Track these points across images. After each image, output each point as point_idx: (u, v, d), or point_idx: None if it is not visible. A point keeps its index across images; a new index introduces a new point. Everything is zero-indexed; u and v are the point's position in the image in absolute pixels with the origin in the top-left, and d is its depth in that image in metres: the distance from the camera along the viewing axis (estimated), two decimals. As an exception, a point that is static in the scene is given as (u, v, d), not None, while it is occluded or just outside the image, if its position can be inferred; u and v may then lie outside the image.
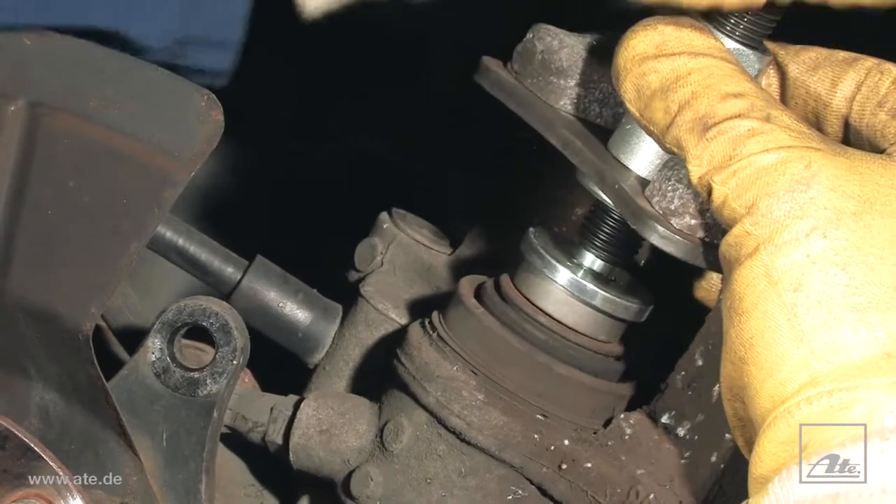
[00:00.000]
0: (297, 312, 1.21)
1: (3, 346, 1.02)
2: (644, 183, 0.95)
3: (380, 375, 1.11)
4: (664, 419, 1.00)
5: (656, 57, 0.88)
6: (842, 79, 0.93)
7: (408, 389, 1.05)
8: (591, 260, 1.03)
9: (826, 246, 0.79)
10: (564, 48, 1.03)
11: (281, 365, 1.20)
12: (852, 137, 0.93)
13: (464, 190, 1.31)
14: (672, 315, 1.05)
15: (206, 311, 1.05)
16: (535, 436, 1.01)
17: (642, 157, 0.95)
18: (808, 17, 0.91)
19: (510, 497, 1.03)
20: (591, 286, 1.02)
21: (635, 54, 0.89)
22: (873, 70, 0.92)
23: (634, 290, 1.05)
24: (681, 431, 0.99)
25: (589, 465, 1.01)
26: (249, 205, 1.67)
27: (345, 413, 1.10)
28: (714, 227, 0.91)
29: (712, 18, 0.91)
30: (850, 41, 0.97)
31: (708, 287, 1.07)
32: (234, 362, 1.04)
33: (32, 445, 1.01)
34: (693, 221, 0.92)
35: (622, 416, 1.02)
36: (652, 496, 0.98)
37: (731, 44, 0.91)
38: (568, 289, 1.03)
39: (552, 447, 1.01)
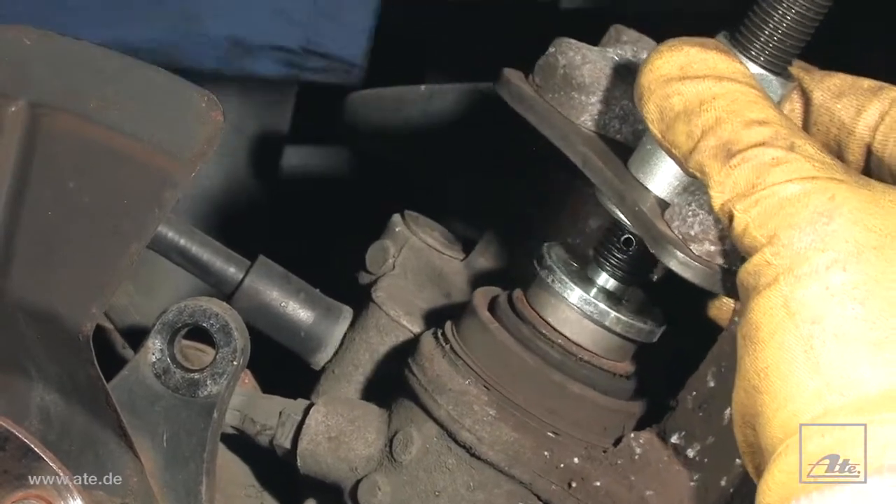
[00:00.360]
0: (299, 312, 1.21)
1: (3, 347, 1.01)
2: (663, 205, 0.94)
3: (389, 382, 1.11)
4: (674, 439, 1.00)
5: (681, 79, 0.87)
6: (866, 107, 0.93)
7: (419, 401, 1.06)
8: (604, 279, 1.03)
9: (846, 279, 0.79)
10: (587, 63, 1.03)
11: (282, 365, 1.20)
12: (874, 167, 0.93)
13: (464, 191, 1.31)
14: (685, 332, 1.05)
15: (207, 312, 1.05)
16: (546, 453, 1.01)
17: (662, 179, 0.95)
18: (825, 37, 0.91)
19: (518, 512, 1.03)
20: (603, 307, 1.02)
21: (660, 75, 0.88)
22: None
23: (647, 311, 1.04)
24: (690, 453, 0.99)
25: (598, 483, 1.01)
26: (251, 205, 1.67)
27: (354, 420, 1.10)
28: (733, 254, 0.91)
29: (737, 42, 0.91)
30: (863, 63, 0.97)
31: (720, 306, 1.06)
32: (235, 363, 1.04)
33: (33, 446, 1.01)
34: (712, 248, 0.91)
35: (632, 435, 1.02)
36: (660, 517, 0.98)
37: (754, 69, 0.91)
38: (581, 308, 1.02)
39: (562, 465, 1.01)
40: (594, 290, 1.03)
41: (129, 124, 0.97)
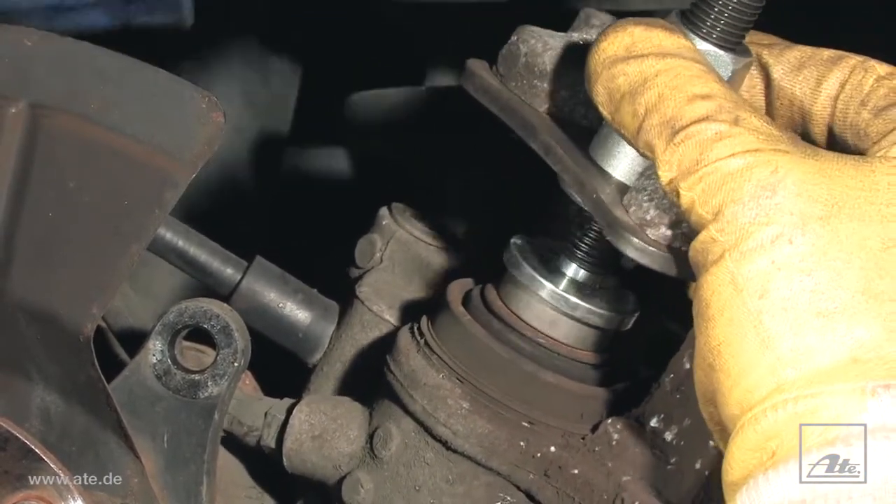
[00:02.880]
0: (296, 313, 1.22)
1: (3, 347, 1.02)
2: (624, 189, 0.94)
3: (374, 378, 1.12)
4: (653, 422, 1.00)
5: (625, 59, 0.88)
6: (826, 78, 0.93)
7: (396, 397, 1.07)
8: (574, 270, 1.04)
9: (792, 252, 0.79)
10: (548, 51, 1.03)
11: (282, 365, 1.21)
12: (838, 138, 0.93)
13: (463, 188, 1.32)
14: (668, 313, 1.06)
15: (208, 313, 1.06)
16: (521, 443, 1.03)
17: (623, 162, 0.95)
18: (794, 12, 0.92)
19: (498, 503, 1.04)
20: (573, 299, 1.03)
21: (605, 57, 0.89)
22: (857, 68, 0.92)
23: (619, 298, 1.05)
24: (668, 436, 0.99)
25: (576, 471, 1.01)
26: (251, 206, 1.68)
27: (337, 418, 1.11)
28: (691, 235, 0.91)
29: (687, 20, 0.91)
30: (837, 37, 0.97)
31: None
32: (235, 364, 1.05)
33: (33, 447, 1.01)
34: (668, 232, 0.92)
35: (609, 421, 1.02)
36: (637, 503, 0.99)
37: (704, 45, 0.91)
38: (550, 302, 1.03)
39: (538, 454, 1.03)
40: (564, 282, 1.03)
41: (129, 125, 0.98)
